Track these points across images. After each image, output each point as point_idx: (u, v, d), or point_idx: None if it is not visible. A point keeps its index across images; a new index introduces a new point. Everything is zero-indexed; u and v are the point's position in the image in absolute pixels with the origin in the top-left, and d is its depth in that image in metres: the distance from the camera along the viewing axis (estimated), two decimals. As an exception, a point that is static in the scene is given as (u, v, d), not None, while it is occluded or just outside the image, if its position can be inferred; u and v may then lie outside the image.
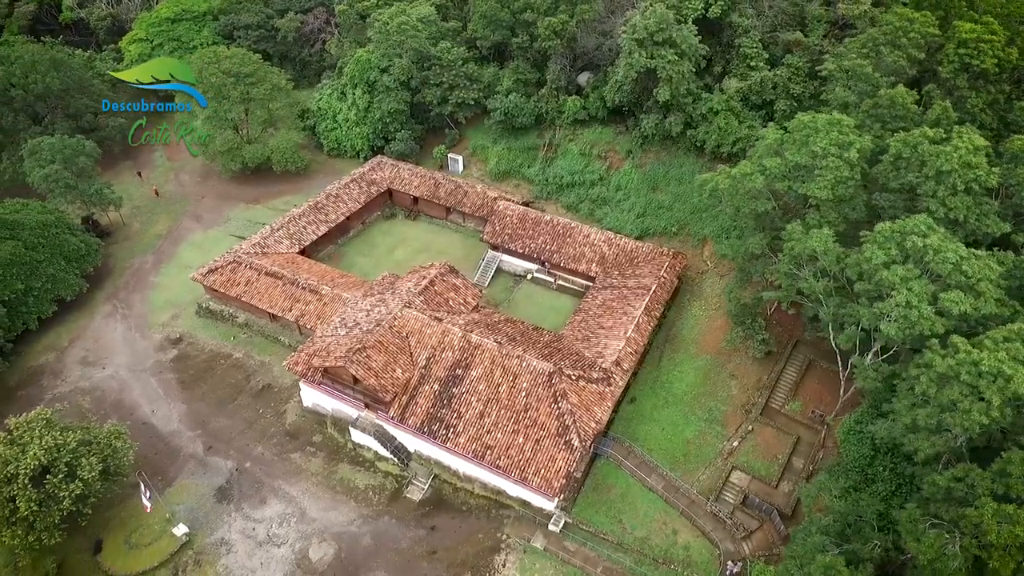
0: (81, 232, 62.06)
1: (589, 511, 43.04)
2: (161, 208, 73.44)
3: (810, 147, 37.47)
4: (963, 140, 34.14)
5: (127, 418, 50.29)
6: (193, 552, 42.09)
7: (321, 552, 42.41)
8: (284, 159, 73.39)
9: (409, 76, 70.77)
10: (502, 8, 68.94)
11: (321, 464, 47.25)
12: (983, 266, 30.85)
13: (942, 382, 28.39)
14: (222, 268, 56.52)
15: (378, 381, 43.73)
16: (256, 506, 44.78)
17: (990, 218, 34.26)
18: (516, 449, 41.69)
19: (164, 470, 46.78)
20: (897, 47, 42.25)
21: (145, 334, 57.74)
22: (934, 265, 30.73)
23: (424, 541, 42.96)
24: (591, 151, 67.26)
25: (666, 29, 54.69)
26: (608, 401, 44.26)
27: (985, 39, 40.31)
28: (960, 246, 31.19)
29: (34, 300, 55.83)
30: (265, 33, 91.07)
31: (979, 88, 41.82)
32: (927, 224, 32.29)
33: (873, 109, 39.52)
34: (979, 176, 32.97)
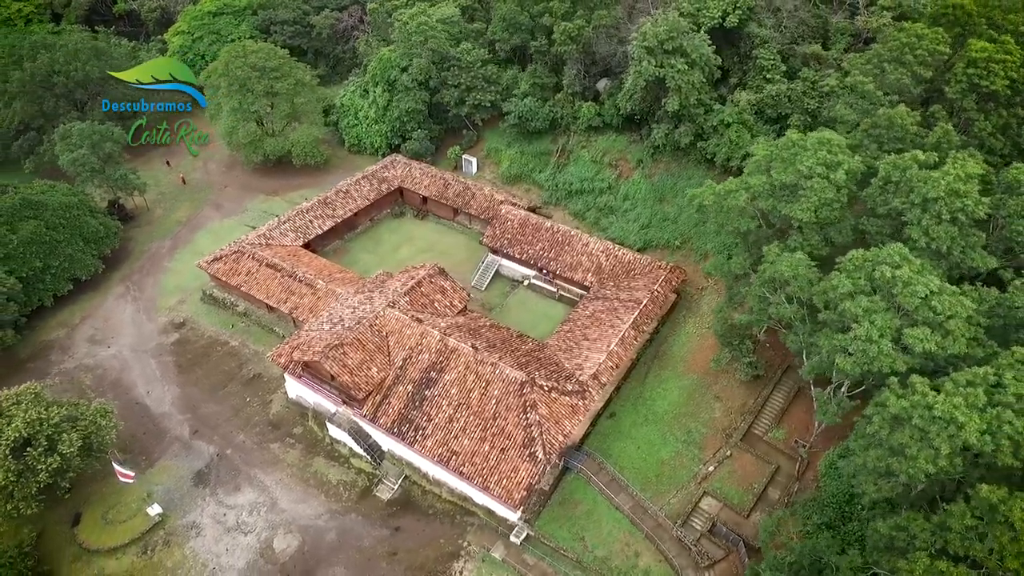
0: (102, 215, 64.62)
1: (552, 525, 42.35)
2: (185, 195, 75.88)
3: (796, 166, 35.83)
4: (955, 166, 31.99)
5: (123, 397, 52.24)
6: (164, 532, 43.28)
7: (285, 543, 43.00)
8: (304, 153, 74.81)
9: (427, 76, 71.14)
10: (522, 11, 68.68)
11: (298, 456, 47.93)
12: (955, 303, 28.79)
13: (895, 424, 26.68)
14: (226, 257, 57.99)
15: (352, 378, 44.07)
16: (230, 492, 45.74)
17: (976, 251, 31.98)
18: (481, 457, 41.36)
19: (149, 450, 48.25)
20: (902, 64, 39.97)
21: (152, 317, 59.75)
22: (902, 298, 28.88)
23: (387, 541, 43.07)
24: (603, 159, 66.26)
25: (676, 37, 53.35)
26: (580, 415, 43.47)
27: (997, 59, 37.70)
28: (933, 280, 29.21)
29: (51, 278, 58.43)
30: (300, 29, 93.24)
31: (989, 111, 39.16)
32: (901, 254, 30.38)
33: (871, 129, 37.50)
34: (966, 206, 30.80)
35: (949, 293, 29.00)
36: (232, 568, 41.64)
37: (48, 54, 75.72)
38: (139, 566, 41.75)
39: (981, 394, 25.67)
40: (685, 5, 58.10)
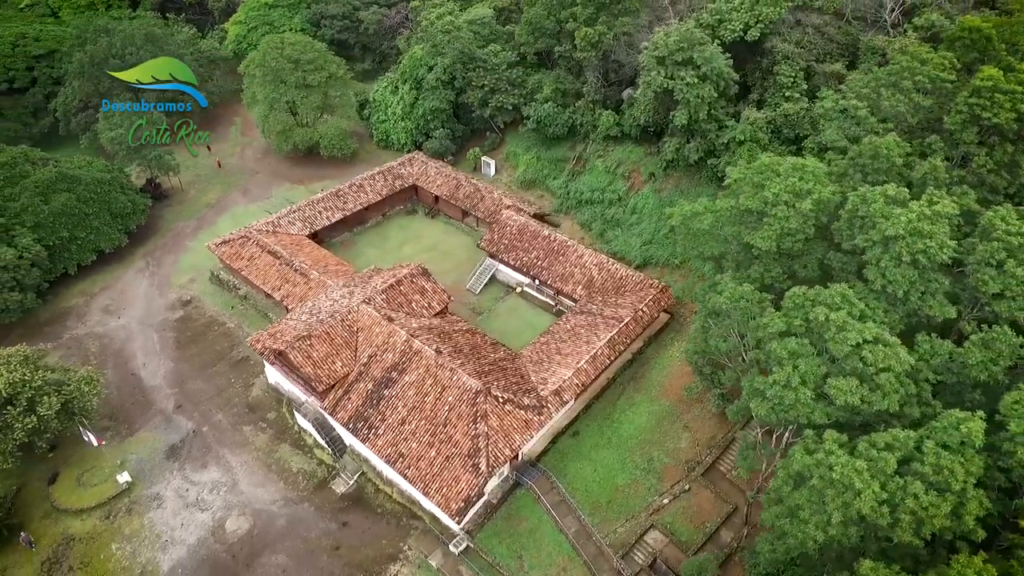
0: (133, 192, 68.14)
1: (493, 540, 41.58)
2: (218, 179, 79.14)
3: (764, 192, 33.62)
4: (921, 204, 29.01)
5: (121, 367, 55.02)
6: (129, 500, 45.22)
7: (237, 525, 44.10)
8: (331, 145, 76.62)
9: (452, 76, 71.35)
10: (548, 15, 67.72)
11: (266, 441, 49.07)
12: (889, 355, 26.10)
13: (798, 481, 24.51)
14: (232, 241, 60.03)
15: (315, 371, 44.71)
16: (197, 469, 47.32)
17: (936, 298, 28.91)
18: (426, 462, 41.09)
19: (132, 420, 50.55)
20: (900, 90, 36.73)
21: (163, 292, 62.64)
22: (832, 345, 26.49)
23: (332, 535, 43.46)
24: (616, 170, 64.57)
25: (687, 49, 51.26)
26: (533, 430, 42.51)
27: (1004, 89, 34.01)
28: (870, 327, 26.59)
29: (77, 248, 62.23)
30: (349, 24, 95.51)
31: (993, 145, 35.42)
32: (842, 295, 27.87)
33: (857, 158, 34.67)
34: (929, 247, 27.89)
35: (886, 344, 26.36)
36: (183, 543, 43.06)
37: (107, 38, 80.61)
38: (100, 529, 43.78)
39: (892, 460, 23.20)
40: (705, 16, 55.80)
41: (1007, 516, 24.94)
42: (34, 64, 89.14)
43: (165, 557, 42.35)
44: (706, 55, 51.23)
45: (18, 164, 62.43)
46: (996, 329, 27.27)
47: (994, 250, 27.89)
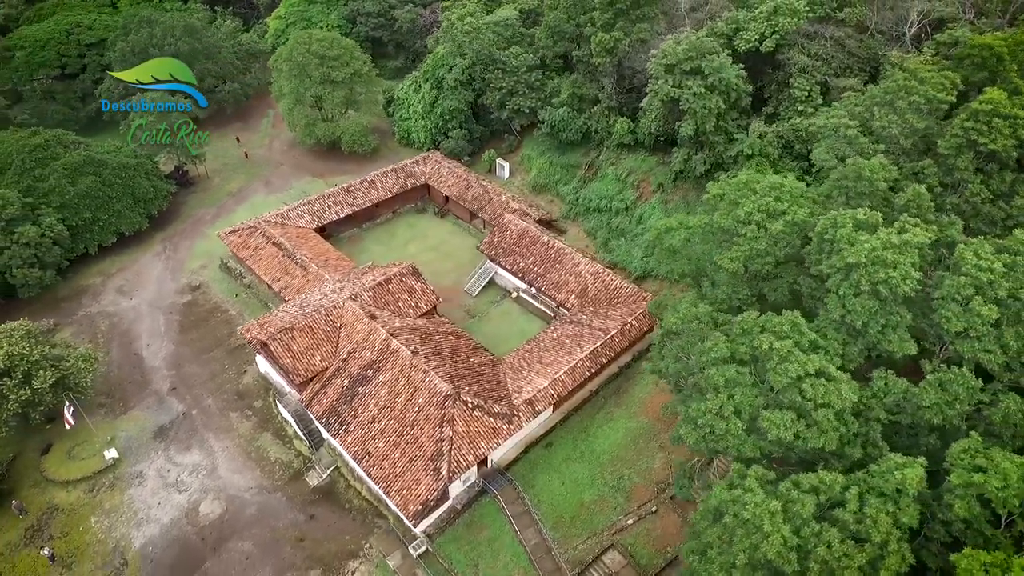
0: (156, 178, 70.53)
1: (452, 546, 41.28)
2: (243, 169, 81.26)
3: (738, 210, 32.24)
4: (888, 231, 27.12)
5: (125, 346, 57.03)
6: (112, 476, 46.76)
7: (210, 509, 45.07)
8: (351, 140, 77.73)
9: (470, 76, 71.34)
10: (568, 19, 66.98)
11: (250, 428, 50.02)
12: (830, 391, 24.50)
13: (715, 517, 23.29)
14: (241, 231, 61.49)
15: (293, 363, 45.33)
16: (181, 451, 48.59)
17: (896, 333, 27.01)
18: (391, 462, 41.10)
19: (127, 399, 52.28)
20: (893, 110, 34.60)
21: (176, 277, 64.66)
22: (772, 375, 25.07)
23: (299, 526, 43.94)
24: (627, 178, 63.36)
25: (695, 58, 49.82)
26: (501, 438, 41.99)
27: (1004, 113, 31.58)
28: (814, 359, 25.01)
29: (99, 229, 64.87)
30: (384, 21, 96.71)
31: (991, 173, 32.96)
32: (793, 324, 26.35)
33: (841, 180, 32.85)
34: (890, 278, 26.09)
35: (829, 378, 24.77)
36: (157, 521, 44.26)
37: (149, 29, 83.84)
38: (83, 502, 45.41)
39: (810, 504, 21.77)
40: (721, 25, 54.15)
41: (946, 572, 23.14)
42: (85, 51, 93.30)
43: (139, 534, 43.61)
44: (714, 65, 49.69)
45: (51, 146, 65.34)
46: (953, 370, 25.35)
47: (960, 285, 25.91)
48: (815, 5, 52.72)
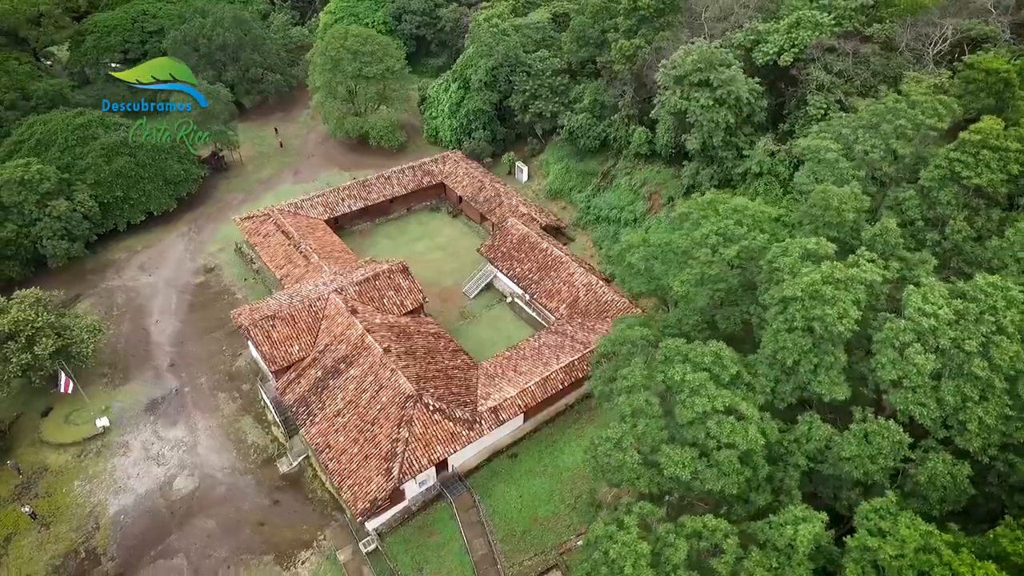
0: (189, 162, 73.38)
1: (401, 547, 41.16)
2: (277, 158, 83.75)
3: (697, 231, 30.70)
4: (833, 267, 24.99)
5: (136, 320, 59.65)
6: (100, 444, 48.92)
7: (183, 484, 46.52)
8: (379, 136, 78.95)
9: (494, 78, 71.11)
10: (594, 24, 65.81)
11: (234, 410, 51.38)
12: (737, 431, 22.76)
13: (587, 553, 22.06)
14: (255, 218, 63.32)
15: (271, 350, 46.27)
16: (167, 426, 50.38)
17: (828, 375, 24.83)
18: (348, 457, 41.34)
19: (128, 371, 54.63)
20: (877, 133, 31.98)
21: (194, 257, 67.21)
22: (679, 409, 23.56)
23: (262, 511, 44.79)
24: (640, 189, 61.74)
25: (704, 69, 47.96)
26: (459, 444, 41.52)
27: (993, 145, 28.64)
28: (725, 395, 23.26)
29: (129, 208, 68.13)
30: (428, 20, 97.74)
31: (977, 209, 29.97)
32: (715, 355, 24.67)
33: (811, 208, 30.72)
34: (826, 316, 24.07)
35: (740, 417, 23.04)
36: (133, 491, 46.00)
37: (201, 19, 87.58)
38: (70, 466, 47.72)
39: (683, 549, 20.29)
40: (739, 37, 51.97)
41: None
42: (147, 38, 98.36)
43: (115, 501, 45.43)
44: (723, 77, 47.65)
45: (92, 127, 69.00)
46: (879, 422, 23.18)
47: (900, 330, 23.65)
48: (843, 19, 49.79)
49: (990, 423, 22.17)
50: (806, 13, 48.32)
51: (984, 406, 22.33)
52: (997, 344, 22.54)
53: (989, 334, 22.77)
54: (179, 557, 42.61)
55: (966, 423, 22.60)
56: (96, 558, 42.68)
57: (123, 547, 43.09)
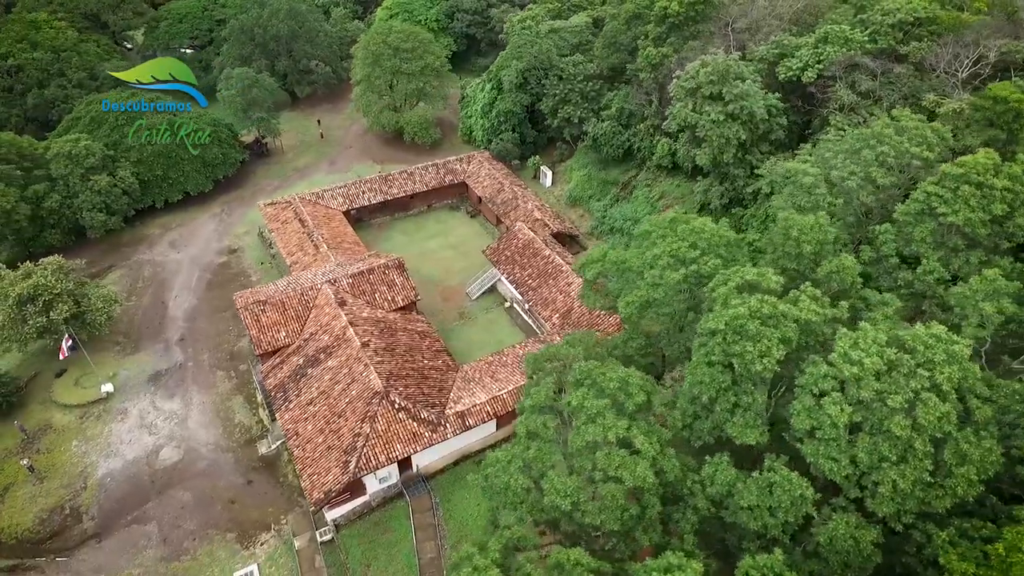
0: (228, 146, 76.35)
1: (354, 540, 41.38)
2: (316, 148, 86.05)
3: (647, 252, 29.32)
4: (762, 301, 23.04)
5: (157, 294, 62.56)
6: (102, 409, 51.49)
7: (168, 455, 48.38)
8: (413, 131, 79.84)
9: (524, 80, 70.56)
10: (627, 29, 64.24)
11: (228, 389, 53.05)
12: (627, 464, 21.28)
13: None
14: (278, 204, 65.25)
15: (259, 335, 47.49)
16: (164, 398, 52.54)
17: (744, 416, 22.89)
18: (312, 446, 41.91)
19: (140, 341, 57.32)
20: (858, 160, 29.37)
21: (221, 238, 69.87)
22: (572, 434, 22.30)
23: (235, 489, 46.02)
24: (658, 202, 59.97)
25: (716, 82, 45.96)
26: (420, 444, 41.35)
27: (976, 180, 25.65)
28: (621, 425, 21.73)
29: (167, 186, 71.58)
30: (479, 19, 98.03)
31: (955, 248, 26.94)
32: (622, 381, 23.19)
33: (773, 236, 28.64)
34: (746, 353, 22.25)
35: (634, 451, 21.58)
36: (122, 456, 48.19)
37: (258, 10, 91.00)
38: (72, 427, 50.46)
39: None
40: (762, 50, 49.52)
41: None
42: (215, 26, 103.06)
43: (104, 464, 47.73)
44: (736, 91, 45.49)
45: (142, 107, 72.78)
46: (782, 473, 21.26)
47: (820, 376, 21.63)
48: (878, 35, 46.63)
49: (904, 488, 20.01)
50: (834, 28, 45.46)
51: (901, 469, 20.18)
52: (925, 402, 20.33)
53: (919, 390, 20.58)
54: (152, 524, 44.29)
55: (879, 485, 20.50)
56: (79, 516, 44.93)
57: (104, 508, 45.16)
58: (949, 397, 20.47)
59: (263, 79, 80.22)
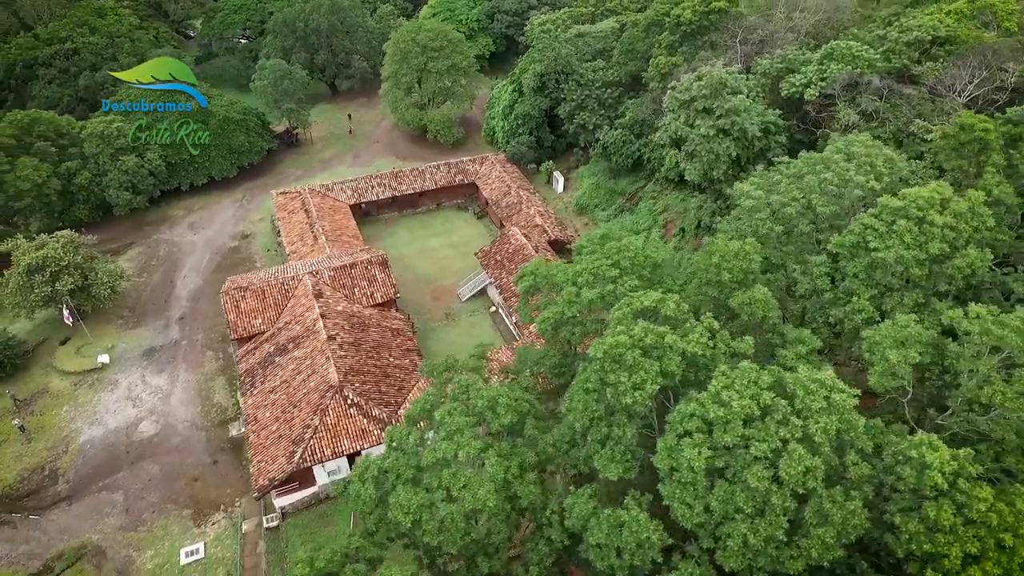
0: (255, 135, 78.71)
1: (296, 530, 41.79)
2: (343, 141, 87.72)
3: (571, 268, 28.19)
4: (648, 329, 21.49)
5: (168, 272, 65.14)
6: (95, 378, 53.96)
7: (147, 428, 50.21)
8: (436, 130, 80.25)
9: (542, 84, 69.73)
10: (646, 36, 62.55)
11: (213, 370, 54.61)
12: (472, 486, 20.13)
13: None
14: (289, 194, 66.83)
15: (235, 319, 48.69)
16: (154, 373, 54.58)
17: (612, 450, 21.32)
18: (267, 433, 42.62)
19: (142, 316, 59.78)
20: (800, 185, 27.03)
21: (237, 224, 72.14)
22: (425, 449, 21.41)
23: (200, 467, 47.30)
24: (660, 215, 58.10)
25: (709, 96, 44.07)
26: (368, 441, 41.30)
27: (914, 216, 23.00)
28: (475, 444, 20.66)
29: (193, 170, 74.47)
30: (517, 20, 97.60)
31: (890, 287, 24.34)
32: (490, 400, 22.08)
33: (699, 260, 26.83)
34: (619, 383, 20.72)
35: (481, 472, 20.53)
36: (104, 425, 50.33)
37: (302, 4, 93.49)
38: (66, 392, 53.07)
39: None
40: (766, 63, 47.15)
41: None
42: (267, 18, 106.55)
43: (87, 431, 49.96)
44: (727, 106, 43.46)
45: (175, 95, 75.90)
46: (631, 513, 19.73)
47: (686, 415, 19.89)
48: (892, 54, 43.63)
49: (755, 544, 18.33)
50: (840, 44, 42.80)
51: (754, 523, 18.50)
52: (790, 454, 18.57)
53: (788, 439, 18.85)
54: (119, 493, 46.02)
55: (729, 537, 18.87)
56: (55, 478, 47.17)
57: (79, 474, 47.25)
58: (821, 450, 18.65)
59: (295, 71, 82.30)
